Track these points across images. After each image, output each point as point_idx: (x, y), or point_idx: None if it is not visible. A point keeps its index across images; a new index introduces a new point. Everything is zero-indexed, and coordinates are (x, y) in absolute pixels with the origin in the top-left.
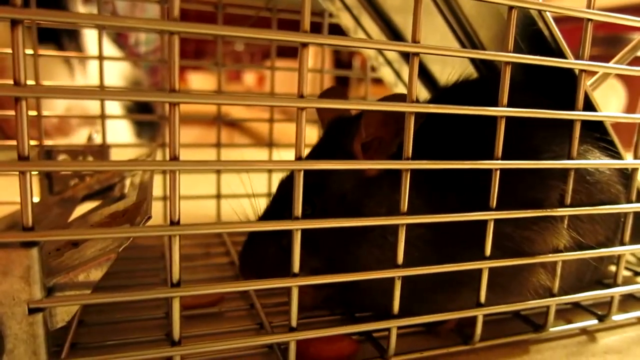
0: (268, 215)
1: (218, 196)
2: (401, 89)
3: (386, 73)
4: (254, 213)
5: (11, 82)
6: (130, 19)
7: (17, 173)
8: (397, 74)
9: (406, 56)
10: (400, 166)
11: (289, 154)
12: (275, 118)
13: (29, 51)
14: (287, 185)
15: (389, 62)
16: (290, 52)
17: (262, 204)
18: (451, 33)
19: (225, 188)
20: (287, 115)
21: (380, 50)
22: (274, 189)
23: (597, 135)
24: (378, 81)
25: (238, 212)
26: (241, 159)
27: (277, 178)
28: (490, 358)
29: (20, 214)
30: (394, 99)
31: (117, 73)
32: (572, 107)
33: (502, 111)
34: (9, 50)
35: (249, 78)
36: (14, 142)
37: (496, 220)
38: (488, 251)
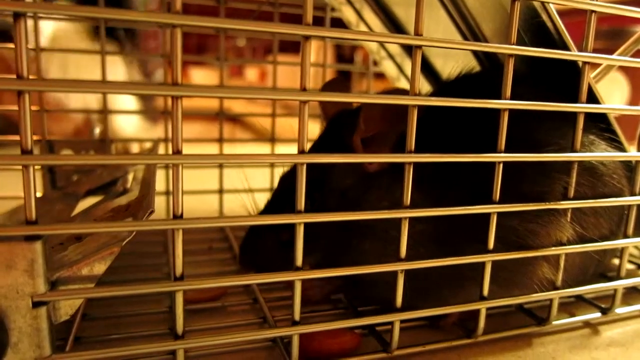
0: (269, 209)
1: (221, 191)
2: (404, 83)
3: (388, 67)
4: (256, 207)
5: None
6: (132, 12)
7: (21, 167)
8: (400, 68)
9: (408, 50)
10: (403, 159)
11: (291, 149)
12: (277, 113)
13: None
14: (287, 179)
15: (391, 56)
16: (292, 47)
17: (265, 198)
18: (454, 26)
19: (228, 183)
20: (288, 110)
21: (382, 44)
22: (276, 184)
23: (601, 127)
24: (380, 75)
25: (240, 206)
26: (242, 153)
27: (279, 173)
28: (494, 351)
29: (23, 208)
30: (393, 93)
31: None
32: (575, 99)
33: (505, 104)
34: (11, 45)
35: (251, 73)
36: (17, 137)
37: (500, 214)
38: (491, 244)
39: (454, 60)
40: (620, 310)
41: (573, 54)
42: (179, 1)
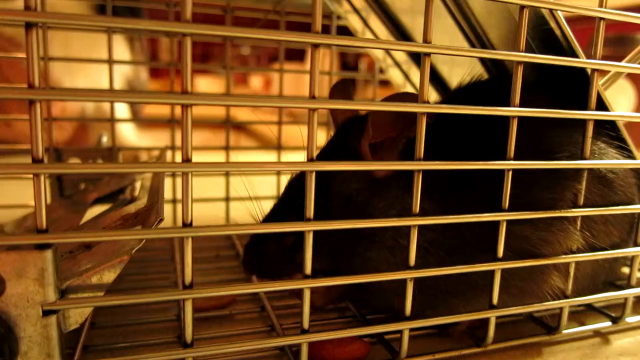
0: (274, 214)
1: (227, 198)
2: (410, 91)
3: (395, 75)
4: (263, 215)
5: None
6: (142, 21)
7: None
8: (406, 76)
9: (415, 57)
10: (412, 167)
11: (296, 156)
12: (283, 121)
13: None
14: (293, 185)
15: (397, 64)
16: (296, 55)
17: (271, 206)
18: (460, 33)
19: (233, 191)
20: (294, 118)
21: (388, 52)
22: (282, 191)
23: (610, 135)
24: (385, 83)
25: (247, 214)
26: (252, 161)
27: (285, 180)
28: None
29: (33, 216)
30: (402, 98)
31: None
32: (584, 106)
33: (514, 111)
34: (23, 55)
35: (256, 81)
36: (23, 146)
37: (513, 223)
38: (501, 252)
39: (460, 67)
40: (631, 319)
41: (582, 61)
42: (189, 10)
